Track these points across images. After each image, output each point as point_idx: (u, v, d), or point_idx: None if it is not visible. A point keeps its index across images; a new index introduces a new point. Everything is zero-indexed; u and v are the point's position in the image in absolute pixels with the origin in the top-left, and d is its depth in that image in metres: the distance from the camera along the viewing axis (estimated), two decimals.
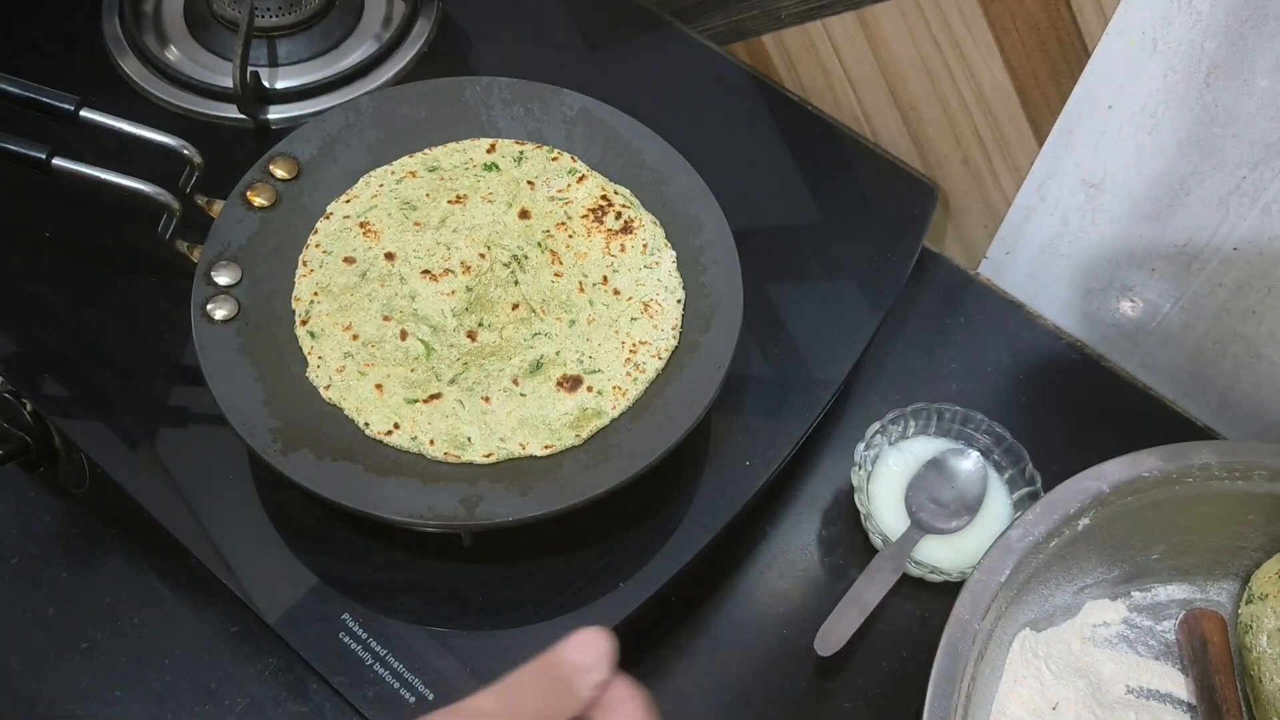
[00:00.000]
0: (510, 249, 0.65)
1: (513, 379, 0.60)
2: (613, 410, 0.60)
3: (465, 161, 0.68)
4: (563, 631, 0.58)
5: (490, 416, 0.59)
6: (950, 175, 0.80)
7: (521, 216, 0.66)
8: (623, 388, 0.60)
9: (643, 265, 0.65)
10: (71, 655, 0.63)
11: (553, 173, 0.68)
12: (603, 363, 0.61)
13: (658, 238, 0.66)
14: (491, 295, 0.63)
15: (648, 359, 0.62)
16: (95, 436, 0.63)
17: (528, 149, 0.69)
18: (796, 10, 0.80)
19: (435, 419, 0.59)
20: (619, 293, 0.64)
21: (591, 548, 0.61)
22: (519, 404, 0.59)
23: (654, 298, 0.64)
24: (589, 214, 0.66)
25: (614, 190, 0.68)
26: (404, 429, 0.58)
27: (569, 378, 0.61)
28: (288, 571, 0.60)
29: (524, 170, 0.68)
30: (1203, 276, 0.71)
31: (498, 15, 0.85)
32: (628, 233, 0.66)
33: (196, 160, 0.66)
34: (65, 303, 0.68)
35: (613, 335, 0.62)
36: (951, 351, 0.80)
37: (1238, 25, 0.59)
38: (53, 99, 0.65)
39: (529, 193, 0.67)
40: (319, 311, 0.61)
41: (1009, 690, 0.61)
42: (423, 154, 0.68)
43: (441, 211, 0.66)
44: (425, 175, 0.67)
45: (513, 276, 0.64)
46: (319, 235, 0.64)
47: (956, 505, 0.69)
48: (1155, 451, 0.62)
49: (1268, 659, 0.60)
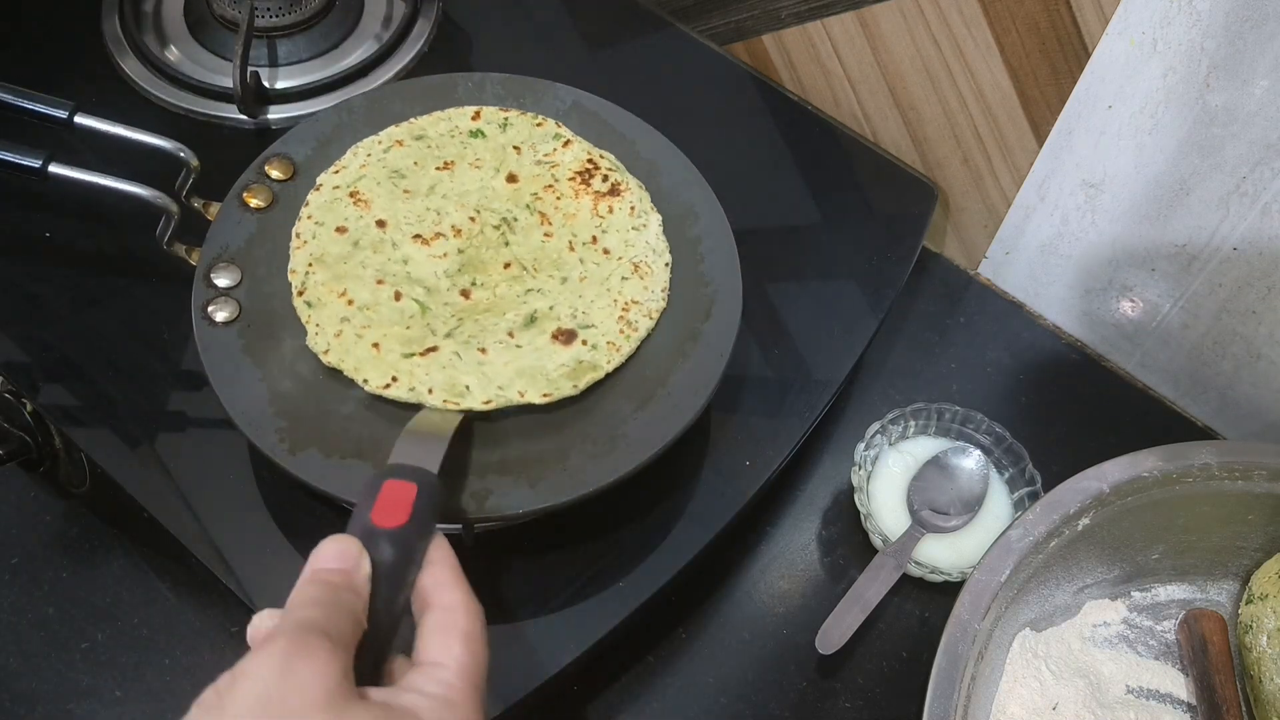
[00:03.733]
0: (500, 212, 0.65)
1: (508, 332, 0.60)
2: (607, 364, 0.60)
3: (451, 129, 0.69)
4: (563, 631, 0.59)
5: (487, 366, 0.59)
6: (950, 175, 0.80)
7: (509, 180, 0.67)
8: (616, 344, 0.61)
9: (630, 227, 0.65)
10: (71, 655, 0.63)
11: (538, 138, 0.69)
12: (596, 318, 0.61)
13: (644, 200, 0.66)
14: (483, 256, 0.64)
15: (639, 318, 0.62)
16: (95, 436, 0.63)
17: (512, 115, 0.70)
18: (796, 10, 0.80)
19: (433, 370, 0.58)
20: (608, 252, 0.64)
21: (592, 547, 0.61)
22: (515, 355, 0.60)
23: (643, 259, 0.64)
24: (576, 176, 0.67)
25: (599, 155, 0.68)
26: (402, 381, 0.58)
27: (564, 330, 0.61)
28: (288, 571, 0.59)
29: (509, 136, 0.69)
30: (1203, 276, 0.71)
31: (498, 15, 0.85)
32: (615, 195, 0.66)
33: (193, 163, 0.66)
34: (65, 303, 0.68)
35: (605, 293, 0.62)
36: (951, 351, 0.80)
37: (1238, 25, 0.59)
38: (48, 106, 0.65)
39: (515, 157, 0.68)
40: (314, 282, 0.61)
41: (1009, 690, 0.61)
42: (409, 123, 0.69)
43: (430, 178, 0.66)
44: (412, 144, 0.68)
45: (503, 238, 0.64)
46: (310, 207, 0.64)
47: (956, 505, 0.69)
48: (1155, 451, 0.62)
49: (1268, 659, 0.60)
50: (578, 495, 0.56)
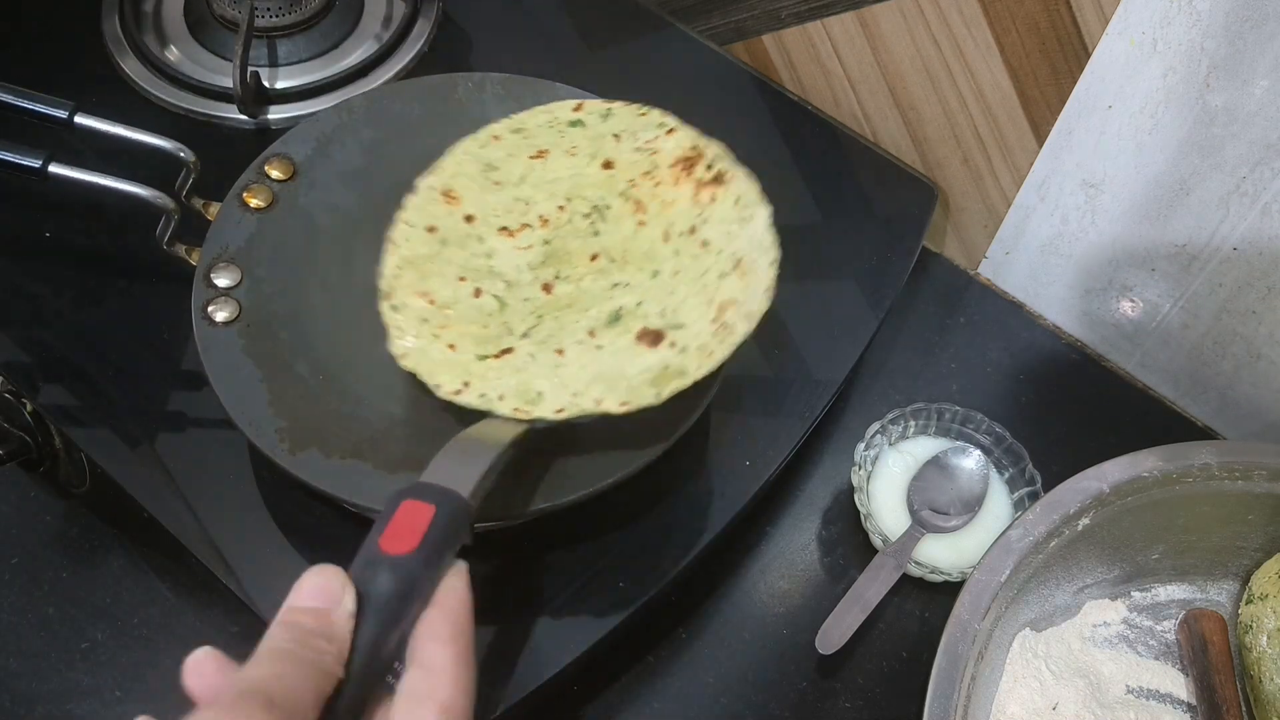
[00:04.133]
0: (591, 199, 0.61)
1: (589, 331, 0.56)
2: (696, 371, 0.53)
3: (550, 120, 0.65)
4: (563, 631, 0.59)
5: (564, 370, 0.54)
6: (950, 175, 0.80)
7: (605, 167, 0.62)
8: (708, 348, 0.54)
9: (735, 219, 0.58)
10: (71, 655, 0.63)
11: (640, 126, 0.63)
12: (686, 318, 0.55)
13: (752, 192, 0.58)
14: (570, 247, 0.60)
15: (737, 320, 0.54)
16: (95, 436, 0.63)
17: (615, 106, 0.65)
18: (796, 10, 0.80)
19: (506, 374, 0.54)
20: (707, 245, 0.57)
21: (592, 547, 0.61)
22: (594, 357, 0.55)
23: (746, 255, 0.56)
24: (677, 163, 0.61)
25: (706, 142, 0.62)
26: (473, 386, 0.54)
27: (649, 331, 0.55)
28: (288, 571, 0.59)
29: (610, 125, 0.64)
30: (1203, 276, 0.71)
31: (498, 15, 0.85)
32: (719, 184, 0.59)
33: (193, 162, 0.66)
34: (65, 303, 0.68)
35: (700, 290, 0.56)
36: (951, 351, 0.80)
37: (1238, 25, 0.59)
38: (48, 106, 0.65)
39: (614, 144, 0.63)
40: (401, 285, 0.58)
41: (1009, 690, 0.61)
42: (507, 119, 0.65)
43: (522, 168, 0.63)
44: (509, 137, 0.64)
45: (593, 227, 0.60)
46: (405, 211, 0.61)
47: (956, 505, 0.69)
48: (1155, 451, 0.62)
49: (1268, 659, 0.60)
50: (578, 495, 0.56)
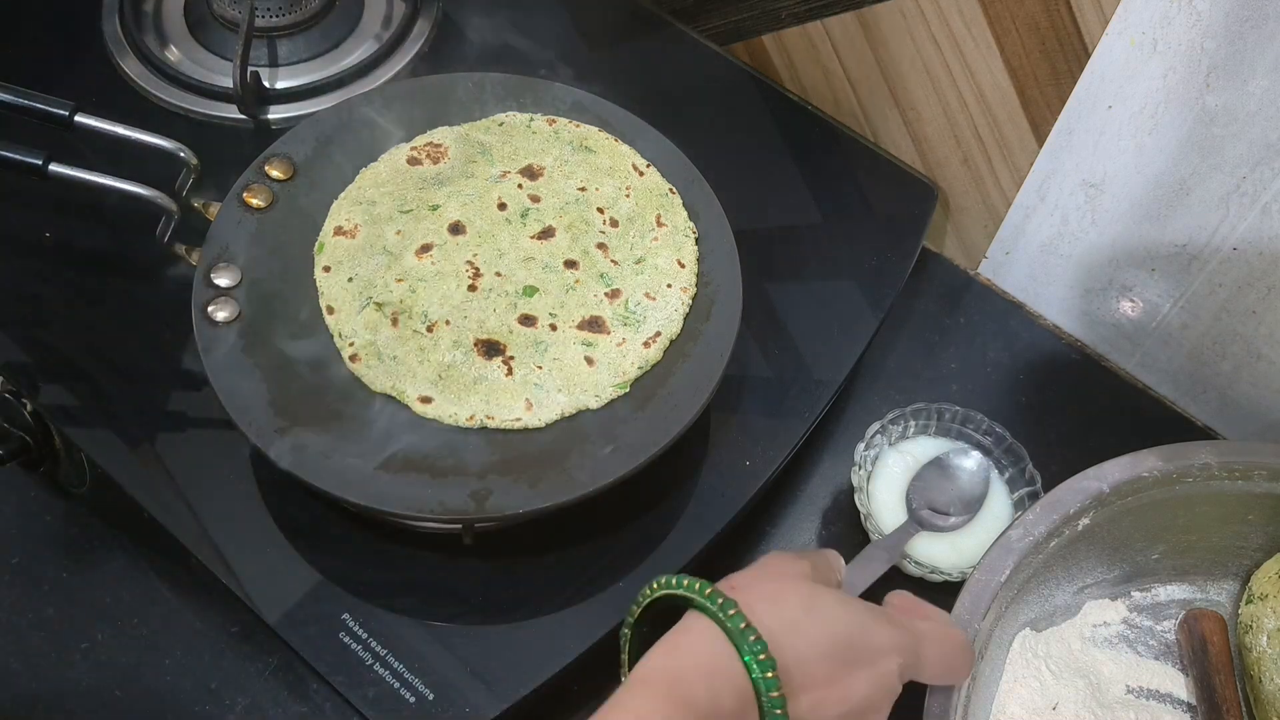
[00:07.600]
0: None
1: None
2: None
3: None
4: (563, 630, 0.59)
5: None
6: (950, 175, 0.80)
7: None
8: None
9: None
10: (71, 655, 0.63)
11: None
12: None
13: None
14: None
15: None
16: (95, 436, 0.63)
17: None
18: (796, 10, 0.80)
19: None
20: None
21: (592, 547, 0.61)
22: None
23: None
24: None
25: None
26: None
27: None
28: (288, 571, 0.60)
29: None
30: (1203, 276, 0.71)
31: (498, 15, 0.85)
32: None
33: (193, 162, 0.66)
34: (65, 303, 0.68)
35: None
36: (951, 351, 0.80)
37: (1238, 25, 0.59)
38: (48, 105, 0.65)
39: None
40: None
41: (1009, 690, 0.61)
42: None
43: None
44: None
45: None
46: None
47: (956, 505, 0.69)
48: (1155, 451, 0.62)
49: (1268, 659, 0.60)
50: (578, 495, 0.56)
